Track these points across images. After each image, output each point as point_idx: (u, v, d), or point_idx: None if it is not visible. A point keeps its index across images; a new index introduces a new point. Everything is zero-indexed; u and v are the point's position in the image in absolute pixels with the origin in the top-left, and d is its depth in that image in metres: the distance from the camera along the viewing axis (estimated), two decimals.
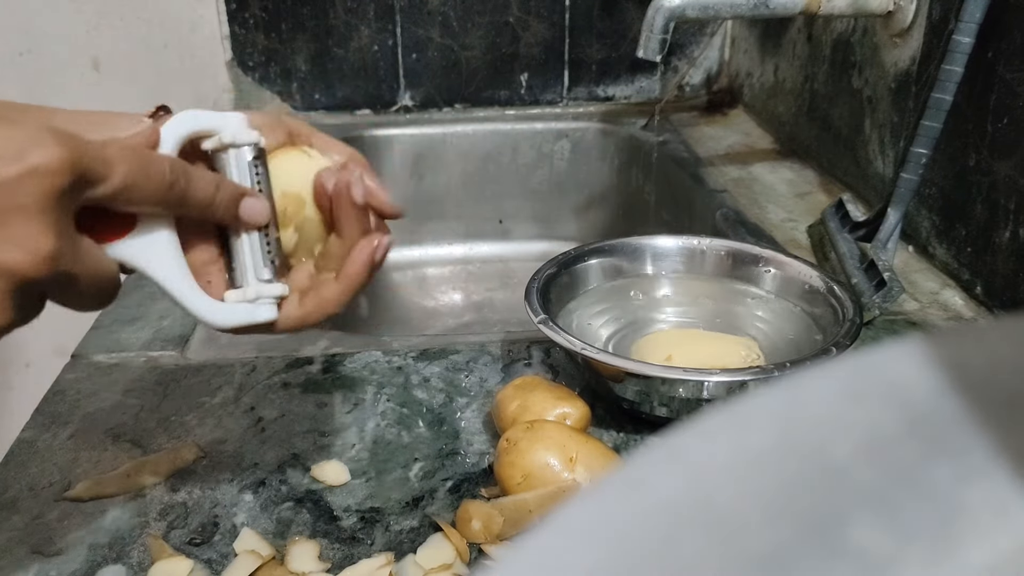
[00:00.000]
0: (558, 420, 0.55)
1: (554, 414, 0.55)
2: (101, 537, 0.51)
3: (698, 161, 1.09)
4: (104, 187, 0.37)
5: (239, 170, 0.45)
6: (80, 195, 0.36)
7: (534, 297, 0.62)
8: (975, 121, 0.71)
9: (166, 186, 0.39)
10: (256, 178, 0.45)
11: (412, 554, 0.50)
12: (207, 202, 0.42)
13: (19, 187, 0.33)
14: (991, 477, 0.18)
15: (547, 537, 0.18)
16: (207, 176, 0.42)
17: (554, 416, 0.55)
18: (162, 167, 0.39)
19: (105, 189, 0.37)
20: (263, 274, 0.45)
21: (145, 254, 0.41)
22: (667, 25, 0.80)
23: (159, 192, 0.39)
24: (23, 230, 0.34)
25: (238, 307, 0.45)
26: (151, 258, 0.42)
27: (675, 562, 0.17)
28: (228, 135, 0.44)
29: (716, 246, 0.71)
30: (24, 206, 0.34)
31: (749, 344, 0.64)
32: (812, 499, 0.18)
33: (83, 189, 0.36)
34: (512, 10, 1.22)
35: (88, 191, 0.36)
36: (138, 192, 0.38)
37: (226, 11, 1.18)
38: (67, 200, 0.35)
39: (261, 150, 0.46)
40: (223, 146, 0.45)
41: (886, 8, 0.82)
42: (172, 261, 0.42)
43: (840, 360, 0.22)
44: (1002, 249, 0.70)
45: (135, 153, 0.38)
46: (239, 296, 0.45)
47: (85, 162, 0.35)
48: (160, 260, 0.42)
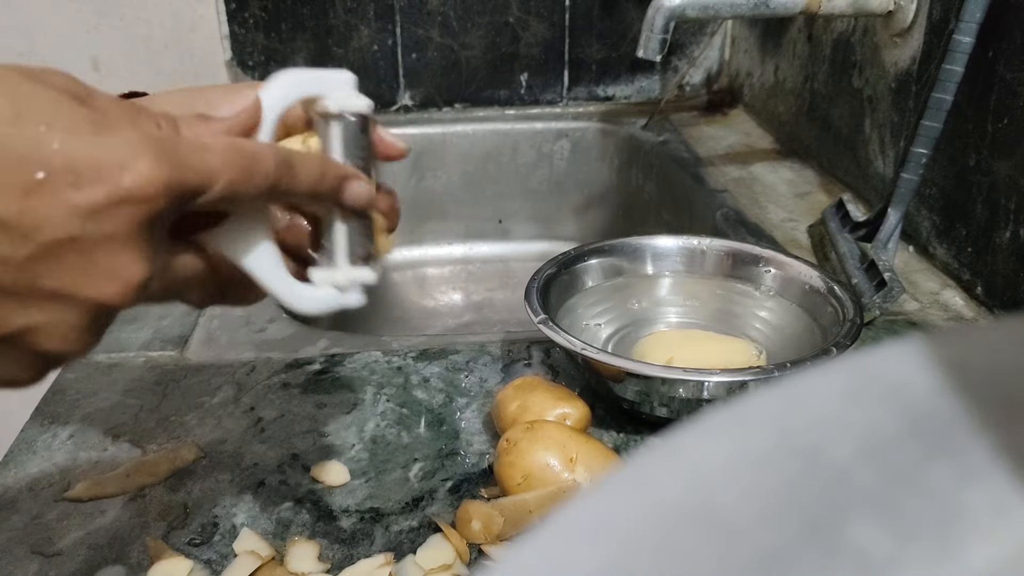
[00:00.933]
0: (558, 420, 0.55)
1: (554, 414, 0.55)
2: (100, 537, 0.51)
3: (698, 161, 1.09)
4: (205, 197, 0.34)
5: (344, 145, 0.41)
6: (178, 210, 0.33)
7: (534, 297, 0.62)
8: (975, 121, 0.71)
9: (269, 186, 0.36)
10: (361, 153, 0.42)
11: (412, 554, 0.49)
12: (311, 191, 0.39)
13: (110, 214, 0.30)
14: (991, 477, 0.18)
15: (547, 537, 0.18)
16: (312, 163, 0.39)
17: (554, 416, 0.55)
18: (267, 167, 0.36)
19: (206, 199, 0.34)
20: (357, 259, 0.42)
21: (238, 245, 0.39)
22: (667, 25, 0.80)
23: (262, 193, 0.36)
24: (113, 261, 0.31)
25: (327, 293, 0.42)
26: (241, 246, 0.39)
27: (675, 562, 0.17)
28: (334, 103, 0.41)
29: (716, 246, 0.70)
30: (114, 235, 0.31)
31: (750, 345, 0.64)
32: (812, 499, 0.18)
33: (182, 204, 0.33)
34: (512, 10, 1.22)
35: (188, 203, 0.33)
36: (240, 196, 0.35)
37: (226, 11, 1.18)
38: (163, 221, 0.33)
39: (367, 119, 0.42)
40: (329, 114, 0.41)
41: (886, 8, 0.82)
42: (263, 249, 0.40)
43: (840, 360, 0.22)
44: (1002, 249, 0.70)
45: (238, 155, 0.35)
46: (328, 278, 0.42)
47: (185, 177, 0.32)
48: (250, 248, 0.39)
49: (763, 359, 0.62)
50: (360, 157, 0.42)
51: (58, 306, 0.31)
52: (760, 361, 0.62)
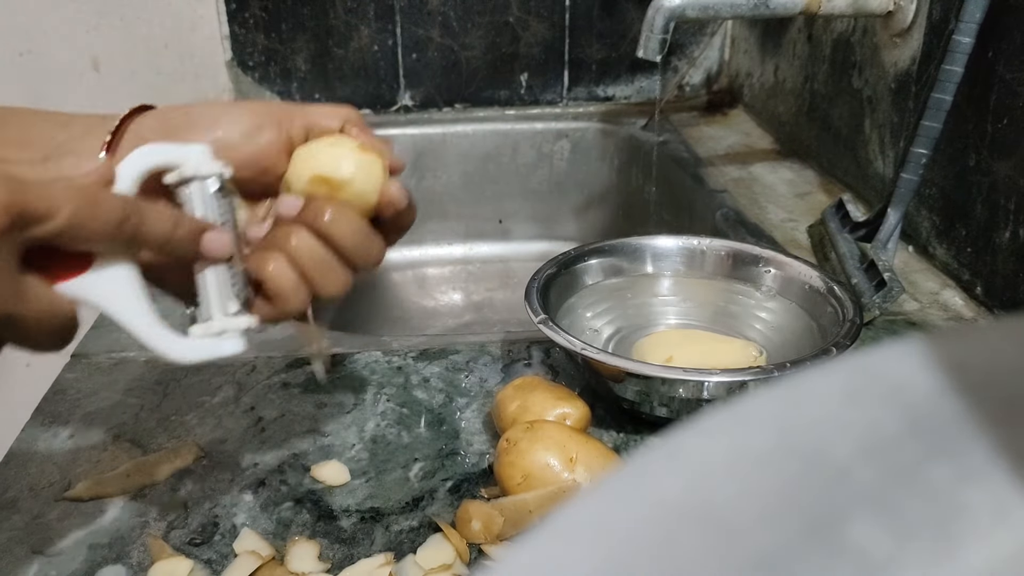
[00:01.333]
0: (558, 420, 0.55)
1: (554, 414, 0.55)
2: (101, 537, 0.51)
3: (698, 161, 1.09)
4: (48, 226, 0.36)
5: (204, 203, 0.43)
6: (20, 235, 0.35)
7: (534, 297, 0.62)
8: (975, 121, 0.71)
9: (115, 224, 0.38)
10: (220, 210, 0.44)
11: (412, 554, 0.50)
12: (164, 239, 0.40)
13: None
14: (991, 477, 0.18)
15: (547, 537, 0.18)
16: (164, 213, 0.41)
17: (554, 416, 0.55)
18: (112, 205, 0.38)
19: (49, 228, 0.36)
20: (229, 307, 0.44)
21: (102, 291, 0.40)
22: (667, 25, 0.80)
23: (108, 230, 0.38)
24: None
25: (202, 342, 0.44)
26: (109, 295, 0.40)
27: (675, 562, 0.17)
28: (190, 168, 0.43)
29: (716, 246, 0.71)
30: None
31: (750, 345, 0.64)
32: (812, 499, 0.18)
33: (23, 229, 0.35)
34: (512, 10, 1.22)
35: (30, 231, 0.35)
36: (85, 230, 0.37)
37: (226, 11, 1.18)
38: (6, 241, 0.34)
39: (225, 181, 0.44)
40: (184, 180, 0.43)
41: (886, 8, 0.82)
42: (131, 298, 0.41)
43: (840, 360, 0.22)
44: (1002, 249, 0.70)
45: (82, 192, 0.37)
46: (204, 330, 0.44)
47: (25, 202, 0.34)
48: (118, 297, 0.40)
49: (763, 359, 0.62)
50: (220, 214, 0.44)
51: None
52: (760, 361, 0.62)
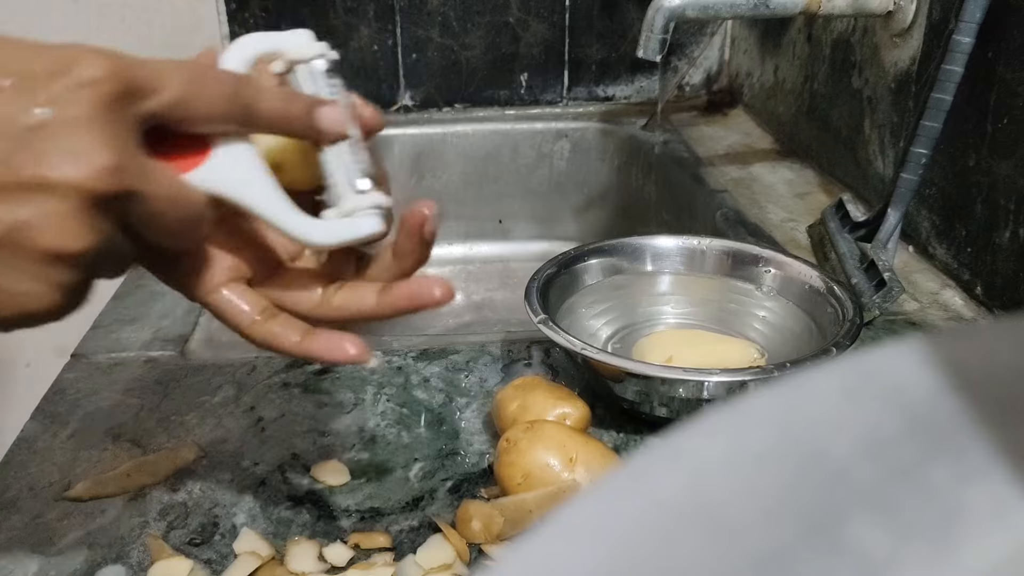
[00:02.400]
0: (558, 420, 0.55)
1: (554, 414, 0.55)
2: (101, 537, 0.51)
3: (698, 161, 1.09)
4: (159, 99, 0.35)
5: (314, 85, 0.41)
6: (134, 108, 0.34)
7: (534, 297, 0.62)
8: (975, 121, 0.71)
9: (228, 97, 0.36)
10: (331, 90, 0.42)
11: (412, 554, 0.50)
12: (280, 115, 0.39)
13: (67, 100, 0.32)
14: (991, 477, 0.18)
15: (547, 537, 0.18)
16: (276, 89, 0.39)
17: (554, 416, 0.55)
18: (220, 77, 0.37)
19: (160, 101, 0.35)
20: (357, 184, 0.41)
21: (228, 179, 0.38)
22: (667, 25, 0.80)
23: (221, 104, 0.36)
24: (77, 143, 0.32)
25: (338, 223, 0.41)
26: (235, 182, 0.38)
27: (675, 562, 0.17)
28: (294, 52, 0.41)
29: (716, 246, 0.71)
30: (75, 118, 0.32)
31: (750, 345, 0.64)
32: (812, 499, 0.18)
33: (135, 100, 0.34)
34: (512, 10, 1.22)
35: (142, 103, 0.34)
36: (197, 105, 0.36)
37: (226, 11, 1.18)
38: (120, 111, 0.33)
39: (334, 61, 0.42)
40: (291, 64, 0.41)
41: (886, 8, 0.82)
42: (259, 181, 0.39)
43: (840, 360, 0.22)
44: (1002, 249, 0.70)
45: (190, 67, 0.36)
46: (337, 212, 0.41)
47: (134, 72, 0.33)
48: (245, 182, 0.38)
49: (763, 360, 0.62)
50: (331, 94, 0.42)
51: (40, 195, 0.32)
52: (760, 361, 0.62)
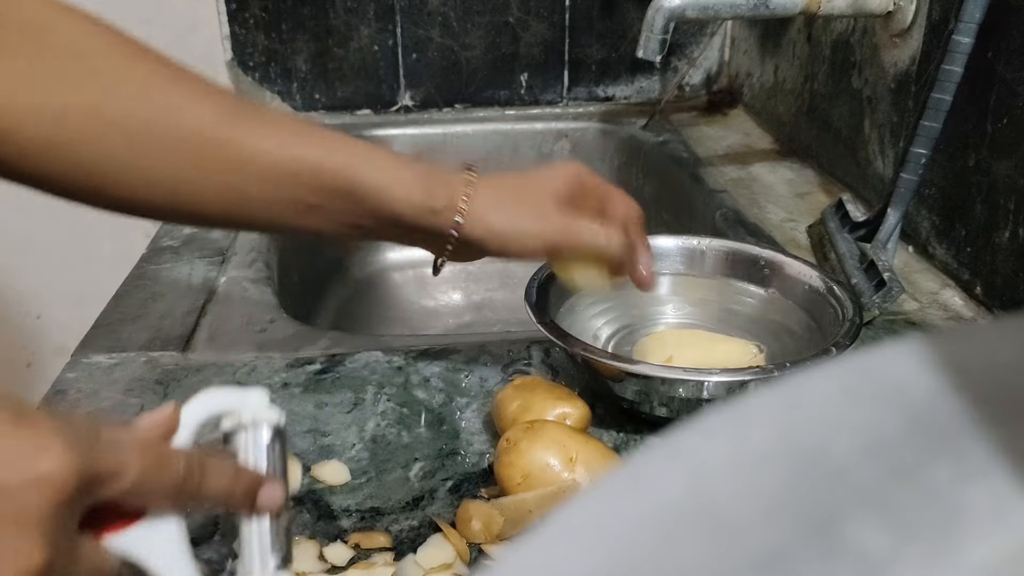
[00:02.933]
0: (558, 420, 0.55)
1: (554, 414, 0.55)
2: None
3: (698, 161, 1.09)
4: (116, 486, 0.35)
5: (255, 451, 0.43)
6: (89, 498, 0.34)
7: (534, 296, 0.62)
8: (975, 121, 0.71)
9: (180, 482, 0.38)
10: (273, 460, 0.43)
11: (412, 554, 0.50)
12: (223, 494, 0.40)
13: (20, 497, 0.31)
14: (990, 477, 0.18)
15: (547, 537, 0.18)
16: (224, 468, 0.41)
17: (554, 416, 0.55)
18: (177, 464, 0.38)
19: (117, 487, 0.35)
20: (270, 562, 0.43)
21: (148, 546, 0.39)
22: (667, 25, 0.80)
23: (172, 488, 0.37)
24: (14, 543, 0.31)
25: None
26: (154, 550, 0.39)
27: (675, 562, 0.17)
28: (247, 415, 0.43)
29: (716, 246, 0.70)
30: (22, 517, 0.31)
31: (749, 344, 0.64)
32: (812, 499, 0.18)
33: (92, 492, 0.34)
34: (512, 10, 1.22)
35: (98, 492, 0.35)
36: (150, 489, 0.37)
37: (226, 11, 1.18)
38: (72, 506, 0.33)
39: (279, 430, 0.44)
40: (241, 426, 0.43)
41: (886, 8, 0.82)
42: (176, 553, 0.40)
43: (840, 360, 0.22)
44: (1002, 249, 0.70)
45: (150, 450, 0.37)
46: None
47: (97, 465, 0.34)
48: (163, 552, 0.39)
49: (762, 357, 0.62)
50: (272, 463, 0.43)
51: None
52: (760, 359, 0.62)
